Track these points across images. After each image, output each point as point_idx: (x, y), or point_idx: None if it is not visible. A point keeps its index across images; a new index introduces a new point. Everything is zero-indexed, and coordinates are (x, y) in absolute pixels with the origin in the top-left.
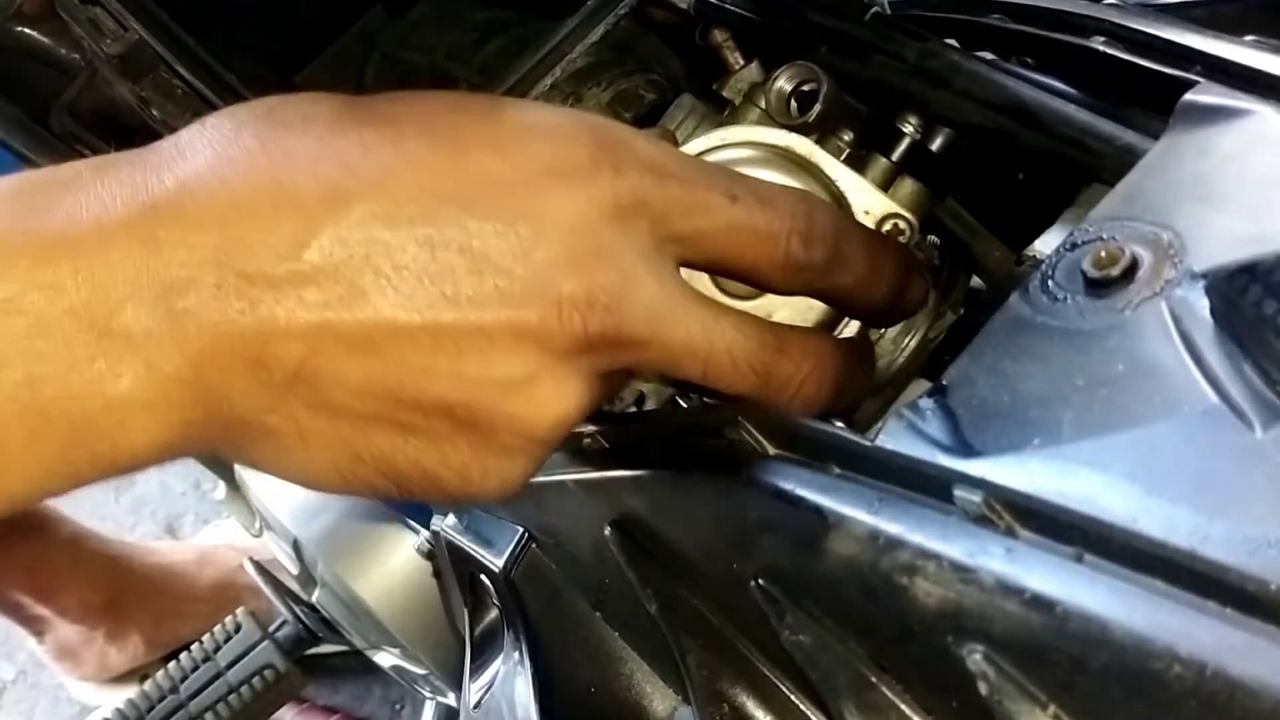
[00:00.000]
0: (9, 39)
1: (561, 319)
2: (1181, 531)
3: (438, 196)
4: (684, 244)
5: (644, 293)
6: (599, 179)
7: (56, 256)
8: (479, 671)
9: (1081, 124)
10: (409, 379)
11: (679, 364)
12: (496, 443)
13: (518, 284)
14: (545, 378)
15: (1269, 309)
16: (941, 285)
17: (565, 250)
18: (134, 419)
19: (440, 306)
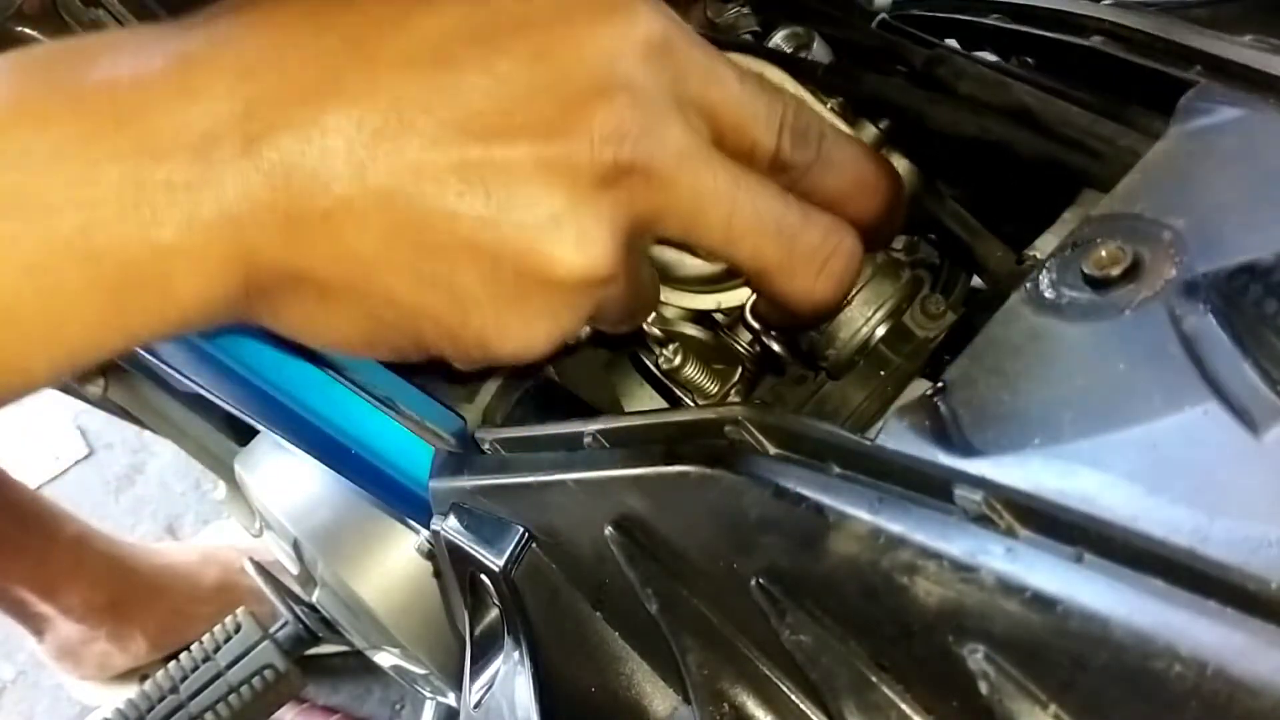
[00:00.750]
0: (9, 39)
1: (592, 149)
2: (1182, 531)
3: (465, 37)
4: (694, 105)
5: (672, 131)
6: (632, 14)
7: (99, 108)
8: (479, 671)
9: (1083, 125)
10: (436, 223)
11: (704, 214)
12: (520, 296)
13: (547, 117)
14: (572, 217)
15: (1269, 308)
16: (941, 285)
17: (595, 83)
18: (179, 268)
19: (467, 144)
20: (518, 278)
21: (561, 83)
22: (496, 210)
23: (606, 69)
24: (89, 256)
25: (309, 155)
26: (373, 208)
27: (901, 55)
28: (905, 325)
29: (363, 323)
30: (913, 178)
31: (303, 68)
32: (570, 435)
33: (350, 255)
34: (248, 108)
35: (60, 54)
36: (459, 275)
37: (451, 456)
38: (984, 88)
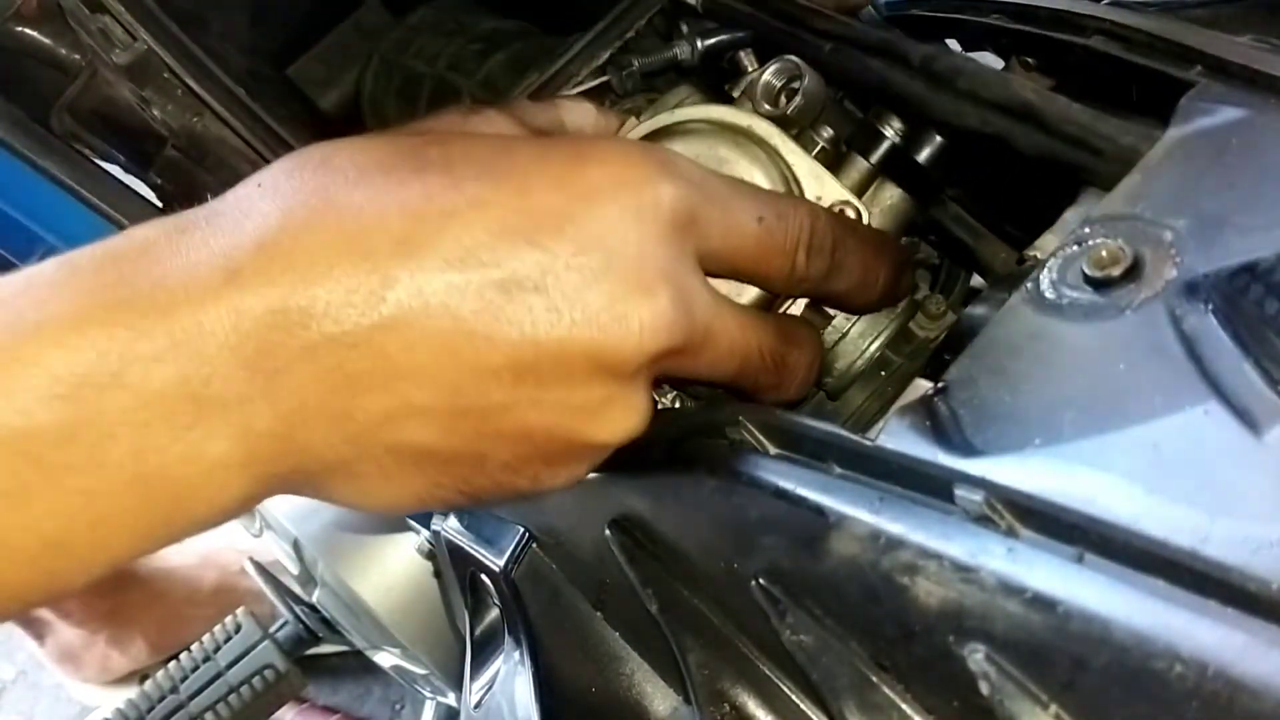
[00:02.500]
0: (9, 39)
1: (639, 343)
2: (1183, 531)
3: (506, 236)
4: (715, 259)
5: (700, 305)
6: (656, 196)
7: (152, 330)
8: (479, 671)
9: (1084, 122)
10: (491, 415)
11: (722, 364)
12: (567, 459)
13: (593, 315)
14: (619, 399)
15: (1270, 308)
16: (941, 285)
17: (634, 274)
18: (230, 479)
19: (521, 344)
20: (567, 448)
21: (604, 277)
22: (550, 399)
23: (643, 262)
24: (140, 480)
25: (364, 360)
26: (432, 409)
27: (899, 53)
28: (906, 326)
29: (417, 493)
30: (905, 205)
31: (352, 273)
32: None
33: (409, 446)
34: (303, 313)
35: (115, 259)
36: (514, 450)
37: None
38: (983, 84)
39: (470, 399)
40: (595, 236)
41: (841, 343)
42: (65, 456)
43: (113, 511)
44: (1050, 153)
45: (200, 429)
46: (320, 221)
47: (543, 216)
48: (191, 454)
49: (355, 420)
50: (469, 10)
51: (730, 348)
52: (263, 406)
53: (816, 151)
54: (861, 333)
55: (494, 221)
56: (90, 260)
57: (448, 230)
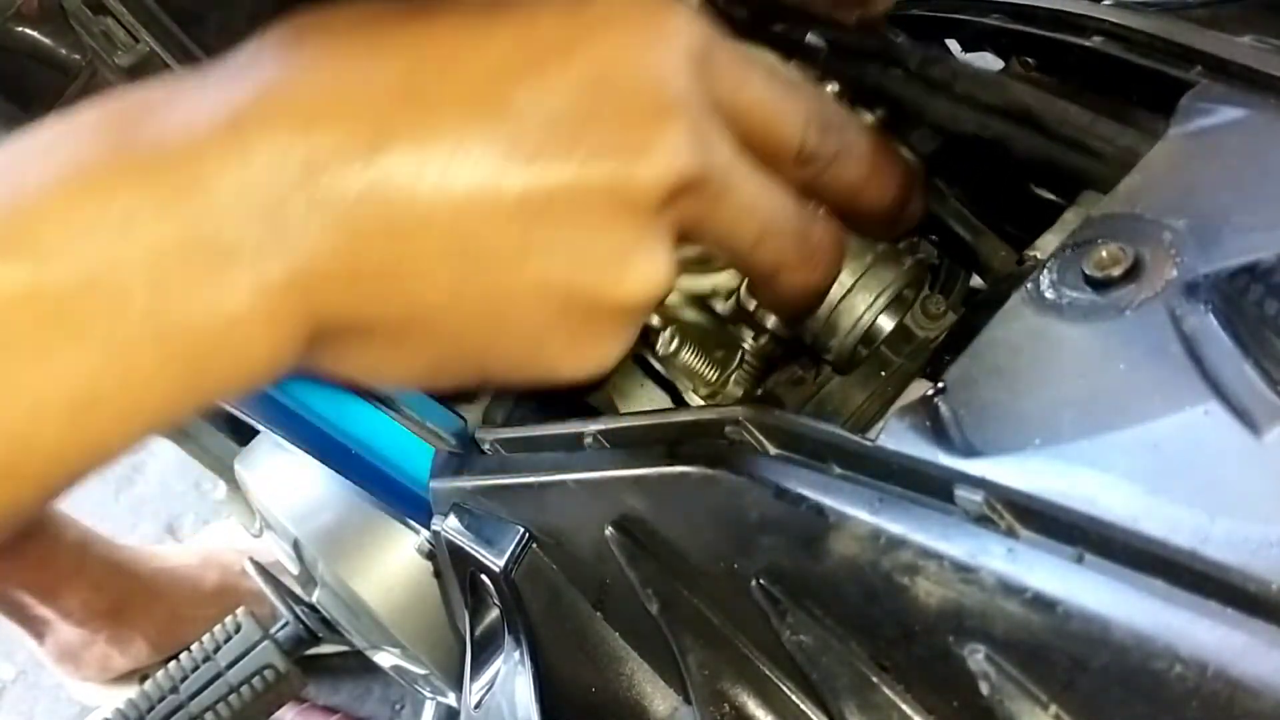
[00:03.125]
0: (9, 39)
1: (657, 172)
2: (1183, 531)
3: (511, 71)
4: (726, 111)
5: (718, 143)
6: (672, 25)
7: (159, 180)
8: (479, 671)
9: (1082, 125)
10: (506, 267)
11: (743, 222)
12: (592, 325)
13: (609, 145)
14: (641, 244)
15: (1270, 309)
16: (941, 285)
17: (651, 103)
18: (251, 334)
19: (533, 182)
20: (590, 308)
21: (618, 106)
22: (566, 246)
23: (658, 86)
24: (162, 334)
25: (374, 207)
26: (441, 253)
27: (896, 56)
28: (906, 325)
29: (430, 363)
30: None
31: (358, 117)
32: (570, 435)
33: (421, 302)
34: (307, 163)
35: (114, 117)
36: (532, 314)
37: (452, 457)
38: (981, 87)
39: (482, 248)
40: (607, 62)
41: (844, 300)
42: (84, 311)
43: (139, 367)
44: (1049, 155)
45: (215, 282)
46: (322, 72)
47: (550, 47)
48: (209, 308)
49: (363, 276)
50: None
51: (752, 202)
52: (275, 260)
53: None
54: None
55: (498, 58)
56: (87, 122)
57: (450, 71)
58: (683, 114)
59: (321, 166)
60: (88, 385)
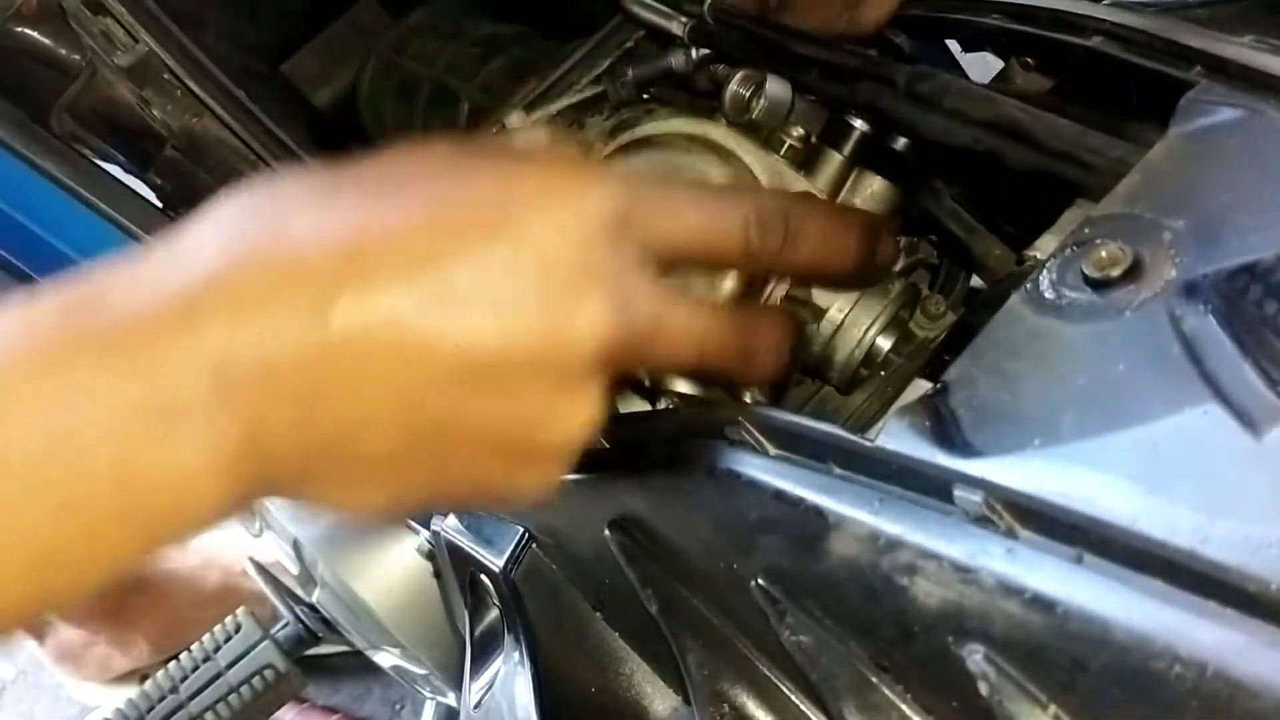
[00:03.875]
0: (9, 39)
1: (578, 347)
2: (1182, 532)
3: (444, 249)
4: (666, 250)
5: (643, 300)
6: (587, 202)
7: (117, 355)
8: (479, 671)
9: (1072, 138)
10: (445, 425)
11: (679, 353)
12: (530, 460)
13: (533, 320)
14: (568, 400)
15: (1269, 309)
16: (941, 285)
17: (570, 278)
18: (206, 487)
19: (465, 354)
20: (524, 451)
21: (541, 285)
22: (499, 405)
23: (577, 262)
24: (121, 490)
25: (319, 373)
26: (386, 419)
27: (884, 75)
28: (901, 316)
29: (383, 502)
30: (890, 193)
31: (302, 293)
32: None
33: (366, 455)
34: (255, 347)
35: (72, 302)
36: (472, 460)
37: None
38: (970, 103)
39: (421, 410)
40: (531, 244)
41: (838, 335)
42: (45, 473)
43: (98, 523)
44: (1041, 168)
45: (172, 440)
46: (266, 253)
47: (479, 228)
48: (167, 463)
49: (316, 433)
50: (467, 13)
51: (685, 338)
52: (228, 422)
53: (785, 149)
54: (855, 321)
55: (431, 236)
56: (46, 306)
57: (387, 248)
58: (601, 289)
59: (269, 344)
60: (49, 543)
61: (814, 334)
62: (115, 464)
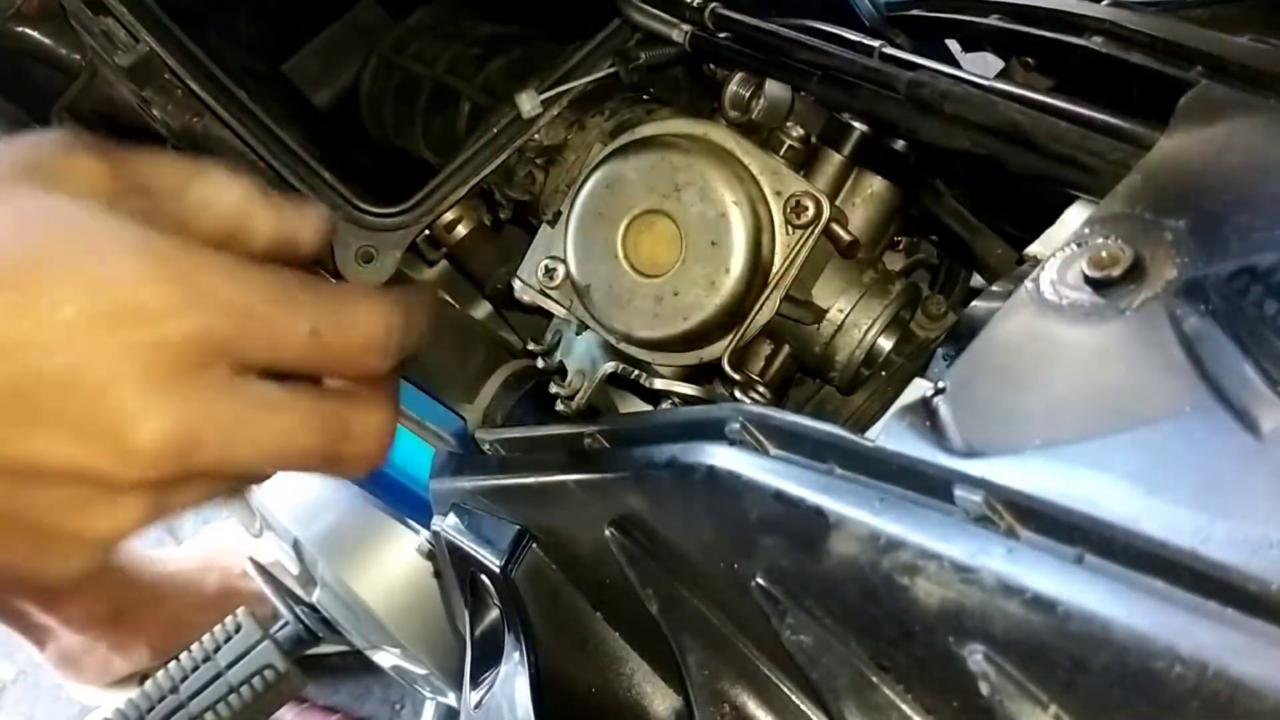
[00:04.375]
0: (9, 39)
1: (128, 469)
2: (1183, 532)
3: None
4: (264, 367)
5: (211, 428)
6: (174, 333)
7: None
8: (480, 671)
9: (1073, 141)
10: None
11: (255, 474)
12: (52, 547)
13: (81, 431)
14: (99, 505)
15: (1270, 309)
16: (941, 285)
17: (129, 397)
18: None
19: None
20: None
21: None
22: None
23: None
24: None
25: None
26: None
27: (883, 80)
28: (907, 326)
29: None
30: (890, 193)
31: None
32: (570, 436)
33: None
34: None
35: None
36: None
37: (452, 457)
38: (970, 108)
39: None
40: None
41: (838, 335)
42: None
43: None
44: (1042, 171)
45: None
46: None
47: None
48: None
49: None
50: (468, 13)
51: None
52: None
53: (785, 149)
54: (856, 321)
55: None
56: None
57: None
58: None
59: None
60: None
61: (815, 334)
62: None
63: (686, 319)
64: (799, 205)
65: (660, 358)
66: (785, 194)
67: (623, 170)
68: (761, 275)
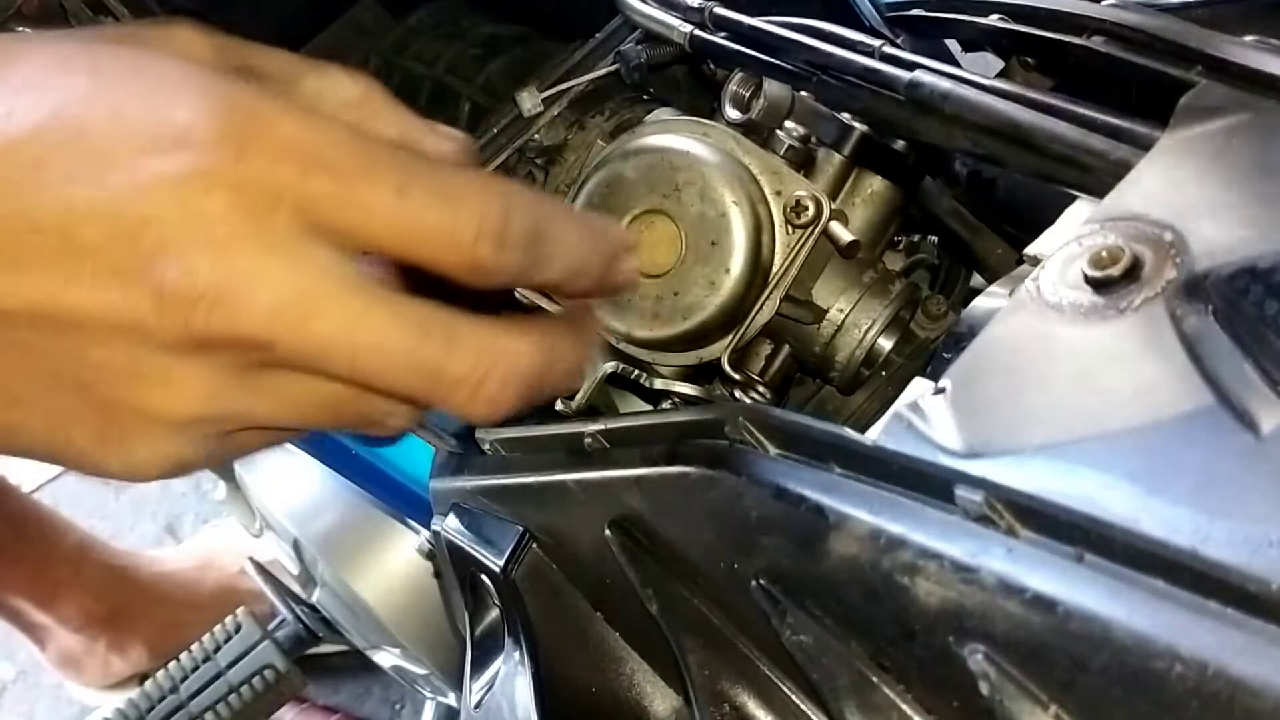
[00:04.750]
0: None
1: (161, 316)
2: (1182, 531)
3: (47, 168)
4: (342, 236)
5: (265, 289)
6: (221, 165)
7: None
8: (479, 671)
9: (1072, 141)
10: (14, 358)
11: (319, 363)
12: (116, 426)
13: (116, 272)
14: (151, 371)
15: (1270, 309)
16: (941, 285)
17: (170, 240)
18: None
19: (34, 287)
20: (109, 412)
21: (137, 236)
22: (70, 351)
23: (186, 226)
24: None
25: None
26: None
27: (883, 81)
28: (907, 326)
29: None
30: (890, 193)
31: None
32: (570, 435)
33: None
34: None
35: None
36: (53, 402)
37: (452, 456)
38: (969, 108)
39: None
40: (142, 191)
41: (839, 335)
42: None
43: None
44: (1042, 171)
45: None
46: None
47: (91, 156)
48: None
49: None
50: (468, 14)
51: (326, 345)
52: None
53: (785, 150)
54: (856, 321)
55: (37, 151)
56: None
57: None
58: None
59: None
60: None
61: (815, 334)
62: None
63: (686, 319)
64: (799, 205)
65: (660, 358)
66: (785, 194)
67: (623, 170)
68: (761, 275)
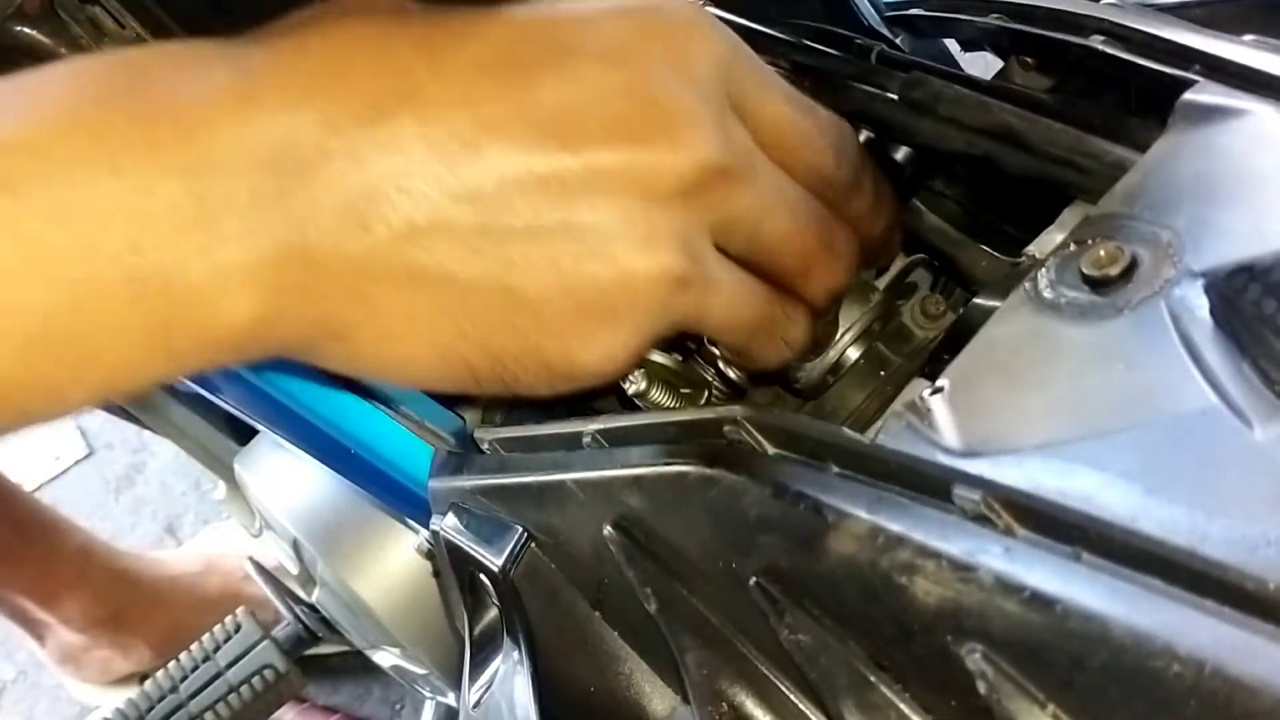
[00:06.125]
0: (9, 39)
1: (676, 157)
2: (1180, 530)
3: (537, 42)
4: (754, 120)
5: (742, 139)
6: (703, 29)
7: (158, 121)
8: (479, 671)
9: (1067, 143)
10: (516, 236)
11: (766, 222)
12: (603, 309)
13: (627, 123)
14: (645, 223)
15: (1268, 308)
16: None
17: (674, 91)
18: (236, 285)
19: (547, 151)
20: (602, 290)
21: (639, 88)
22: (575, 218)
23: (683, 78)
24: (136, 275)
25: (388, 167)
26: (453, 220)
27: (877, 82)
28: (905, 325)
29: (438, 346)
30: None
31: (374, 77)
32: (570, 435)
33: (433, 269)
34: (321, 120)
35: (116, 65)
36: (541, 290)
37: (451, 456)
38: (964, 109)
39: (493, 212)
40: (630, 49)
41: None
42: (54, 244)
43: (104, 311)
44: (1037, 172)
45: (205, 228)
46: (343, 37)
47: (573, 26)
48: (195, 252)
49: (373, 232)
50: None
51: (777, 193)
52: (275, 212)
53: None
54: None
55: (522, 27)
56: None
57: (469, 42)
58: (703, 106)
59: (337, 122)
60: (47, 321)
61: None
62: (133, 245)
63: None
64: None
65: None
66: None
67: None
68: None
